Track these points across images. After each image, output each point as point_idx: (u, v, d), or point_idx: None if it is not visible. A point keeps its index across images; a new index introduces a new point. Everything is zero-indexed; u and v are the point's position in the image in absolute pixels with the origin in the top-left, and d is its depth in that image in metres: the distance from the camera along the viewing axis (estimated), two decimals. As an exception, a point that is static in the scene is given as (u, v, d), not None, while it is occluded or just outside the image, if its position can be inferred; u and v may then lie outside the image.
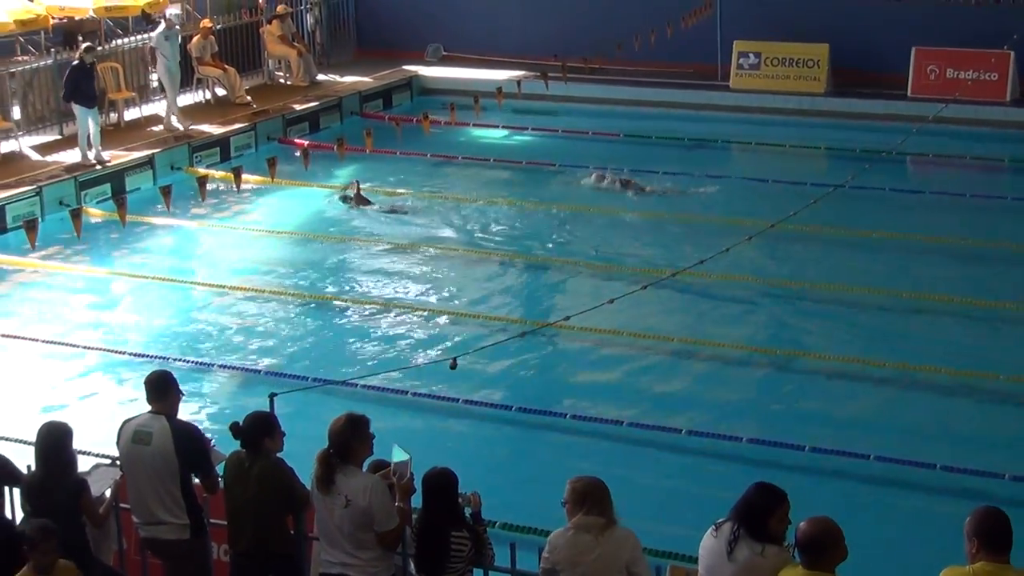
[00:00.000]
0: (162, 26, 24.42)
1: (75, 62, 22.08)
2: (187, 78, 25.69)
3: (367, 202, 21.30)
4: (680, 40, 26.36)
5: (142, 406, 9.17)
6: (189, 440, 8.85)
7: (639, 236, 20.09)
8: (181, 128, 24.11)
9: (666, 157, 23.82)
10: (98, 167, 21.79)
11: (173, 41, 24.36)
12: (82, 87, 21.81)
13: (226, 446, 9.06)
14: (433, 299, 17.54)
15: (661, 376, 15.28)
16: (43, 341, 16.04)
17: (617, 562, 7.56)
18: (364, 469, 8.36)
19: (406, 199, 21.73)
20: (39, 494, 8.84)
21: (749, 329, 16.66)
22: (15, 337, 16.22)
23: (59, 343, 16.01)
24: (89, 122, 21.75)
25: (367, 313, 17.04)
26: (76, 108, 21.84)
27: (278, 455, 8.64)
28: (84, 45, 22.50)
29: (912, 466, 12.50)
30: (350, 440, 8.21)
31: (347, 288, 18.10)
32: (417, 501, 8.30)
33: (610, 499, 7.65)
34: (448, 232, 20.30)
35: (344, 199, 21.62)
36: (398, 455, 8.38)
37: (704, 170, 22.81)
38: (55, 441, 8.87)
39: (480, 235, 20.15)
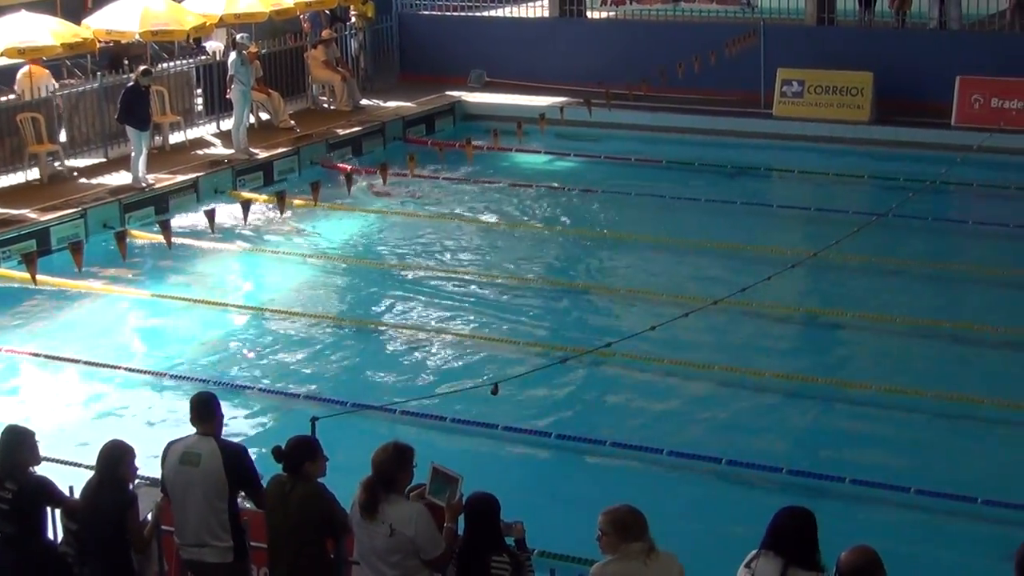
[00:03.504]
0: (234, 53, 24.43)
1: (130, 84, 22.24)
2: (229, 102, 25.78)
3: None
4: (724, 68, 26.34)
5: (185, 428, 9.20)
6: (238, 459, 8.89)
7: (680, 263, 20.06)
8: (242, 149, 24.18)
9: (709, 184, 23.82)
10: (145, 189, 21.92)
11: (247, 65, 24.54)
12: (135, 110, 21.96)
13: (268, 469, 9.07)
14: (474, 325, 17.54)
15: (702, 404, 15.21)
16: (84, 362, 16.14)
17: (669, 584, 7.57)
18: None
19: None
20: (88, 508, 8.90)
21: (790, 358, 16.60)
22: (57, 358, 16.30)
23: (100, 364, 16.08)
24: (142, 144, 21.90)
25: (407, 338, 17.04)
26: (129, 130, 22.00)
27: (320, 479, 8.65)
28: (142, 68, 22.65)
29: (953, 499, 12.39)
30: (396, 471, 8.21)
31: (388, 313, 18.13)
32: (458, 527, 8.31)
33: (646, 523, 7.65)
34: (489, 258, 20.34)
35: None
36: (437, 476, 8.39)
37: (745, 197, 22.81)
38: (112, 458, 8.89)
39: (521, 261, 20.16)
